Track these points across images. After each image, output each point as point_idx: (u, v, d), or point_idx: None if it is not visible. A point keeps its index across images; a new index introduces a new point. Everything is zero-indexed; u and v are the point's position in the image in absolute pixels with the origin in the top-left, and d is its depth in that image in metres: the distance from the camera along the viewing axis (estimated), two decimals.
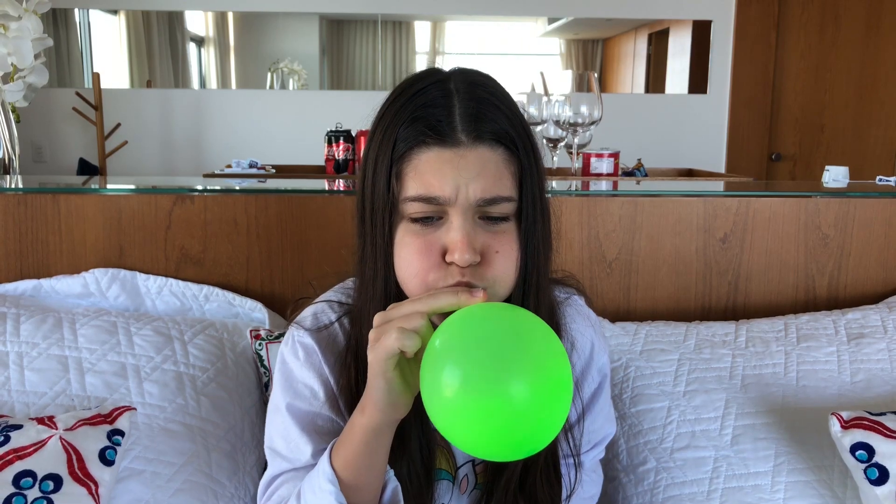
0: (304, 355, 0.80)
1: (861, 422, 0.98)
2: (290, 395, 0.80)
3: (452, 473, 0.84)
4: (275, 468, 0.81)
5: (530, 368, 0.57)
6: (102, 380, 1.08)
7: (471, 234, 0.68)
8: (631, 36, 3.94)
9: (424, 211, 0.69)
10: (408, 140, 0.69)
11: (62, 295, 1.25)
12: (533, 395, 0.56)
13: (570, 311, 0.88)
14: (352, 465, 0.69)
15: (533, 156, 0.72)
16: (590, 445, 0.96)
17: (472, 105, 0.69)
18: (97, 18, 3.69)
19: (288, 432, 0.79)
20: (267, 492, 0.82)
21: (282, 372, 0.82)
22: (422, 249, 0.69)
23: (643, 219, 1.33)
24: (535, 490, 0.81)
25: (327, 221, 1.29)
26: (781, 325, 1.26)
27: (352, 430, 0.69)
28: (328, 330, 0.82)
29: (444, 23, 3.85)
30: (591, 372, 0.90)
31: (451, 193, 0.67)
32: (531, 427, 0.57)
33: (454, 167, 0.68)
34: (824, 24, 3.78)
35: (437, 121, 0.68)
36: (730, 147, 3.91)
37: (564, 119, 1.91)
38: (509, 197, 0.70)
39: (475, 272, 0.68)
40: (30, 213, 1.28)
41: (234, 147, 3.67)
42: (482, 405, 0.56)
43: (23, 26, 1.64)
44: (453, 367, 0.58)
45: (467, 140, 0.68)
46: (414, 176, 0.69)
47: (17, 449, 0.91)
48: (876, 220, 1.37)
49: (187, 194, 1.29)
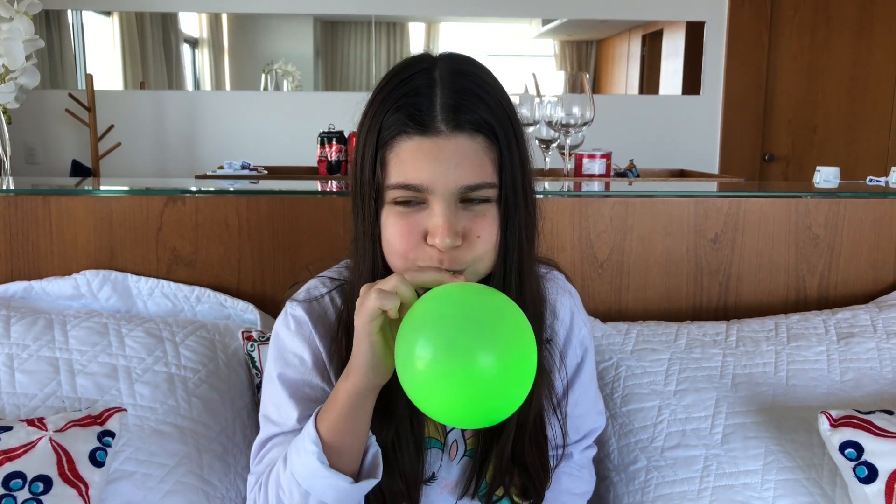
0: (296, 326, 0.84)
1: (850, 420, 0.99)
2: (281, 365, 0.84)
3: (442, 441, 0.86)
4: (266, 432, 0.84)
5: (497, 343, 0.61)
6: (93, 381, 1.08)
7: (451, 219, 0.71)
8: (625, 37, 3.95)
9: (406, 196, 0.72)
10: (391, 128, 0.72)
11: (53, 296, 1.25)
12: (499, 368, 0.60)
13: (551, 285, 0.92)
14: (335, 428, 0.72)
15: (515, 142, 0.75)
16: (579, 434, 0.98)
17: (453, 95, 0.72)
18: (90, 20, 3.68)
19: (278, 399, 0.83)
20: (258, 455, 0.84)
21: (275, 344, 0.86)
22: (404, 232, 0.73)
23: (634, 219, 1.34)
24: (524, 455, 0.84)
25: (319, 223, 1.29)
26: (772, 325, 1.27)
27: (336, 395, 0.73)
28: (319, 303, 0.85)
29: (438, 24, 3.85)
30: (573, 343, 0.93)
31: (431, 182, 0.71)
32: (497, 397, 0.61)
33: (434, 157, 0.71)
34: (816, 26, 3.80)
35: (419, 110, 0.71)
36: (723, 148, 3.92)
37: (556, 120, 1.92)
38: (490, 183, 0.73)
39: (455, 254, 0.72)
40: (20, 214, 1.27)
41: (228, 148, 3.67)
42: (451, 377, 0.60)
43: (14, 28, 1.63)
44: (425, 342, 0.61)
45: (447, 129, 0.71)
46: (396, 163, 0.72)
47: (6, 450, 0.91)
48: (866, 221, 1.38)
49: (178, 196, 1.29)
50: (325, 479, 0.72)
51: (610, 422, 1.17)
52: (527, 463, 0.85)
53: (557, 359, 0.91)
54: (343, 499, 0.73)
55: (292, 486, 0.74)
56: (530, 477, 0.86)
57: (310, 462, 0.72)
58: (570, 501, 0.98)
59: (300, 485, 0.73)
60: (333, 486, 0.72)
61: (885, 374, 1.17)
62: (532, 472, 0.86)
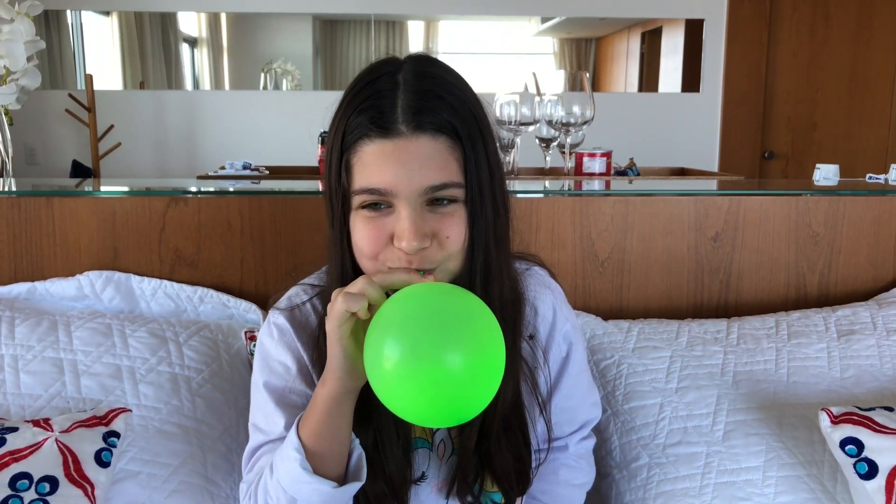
0: (279, 334, 0.85)
1: (851, 417, 1.00)
2: (267, 373, 0.84)
3: (430, 441, 0.87)
4: (254, 441, 0.85)
5: (462, 343, 0.61)
6: (98, 382, 1.09)
7: (417, 222, 0.71)
8: (624, 35, 3.95)
9: (371, 200, 0.73)
10: (354, 132, 0.73)
11: (56, 297, 1.26)
12: (464, 367, 0.61)
13: (531, 281, 0.91)
14: (316, 433, 0.73)
15: (482, 142, 0.75)
16: (573, 426, 0.99)
17: (415, 97, 0.72)
18: (89, 20, 3.68)
19: (265, 407, 0.83)
20: (249, 464, 0.85)
21: (259, 352, 0.87)
22: (371, 236, 0.73)
23: (635, 218, 1.34)
24: (492, 454, 0.83)
25: (321, 223, 1.28)
26: (772, 323, 1.27)
27: (315, 401, 0.73)
28: (301, 310, 0.86)
29: (437, 22, 3.85)
30: (557, 338, 0.93)
31: (395, 185, 0.71)
32: (463, 396, 0.62)
33: (396, 159, 0.71)
34: (815, 23, 3.80)
35: (380, 113, 0.72)
36: (723, 145, 3.92)
37: (557, 119, 1.92)
38: (456, 183, 0.73)
39: (425, 254, 0.72)
40: (23, 216, 1.28)
41: (228, 148, 3.67)
42: (416, 377, 0.61)
43: (15, 29, 1.63)
44: (391, 342, 0.62)
45: (408, 131, 0.71)
46: (360, 168, 0.73)
47: (12, 451, 0.92)
48: (866, 218, 1.39)
49: (181, 196, 1.30)
50: (309, 485, 0.73)
51: (612, 419, 1.18)
52: (493, 461, 0.84)
53: (541, 356, 0.91)
54: (329, 502, 0.74)
55: (279, 492, 0.75)
56: (505, 472, 0.85)
57: (293, 469, 0.73)
58: (568, 493, 0.99)
59: (286, 491, 0.74)
60: (317, 490, 0.73)
61: (885, 371, 1.18)
62: (500, 471, 0.85)
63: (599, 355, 1.23)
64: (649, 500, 1.07)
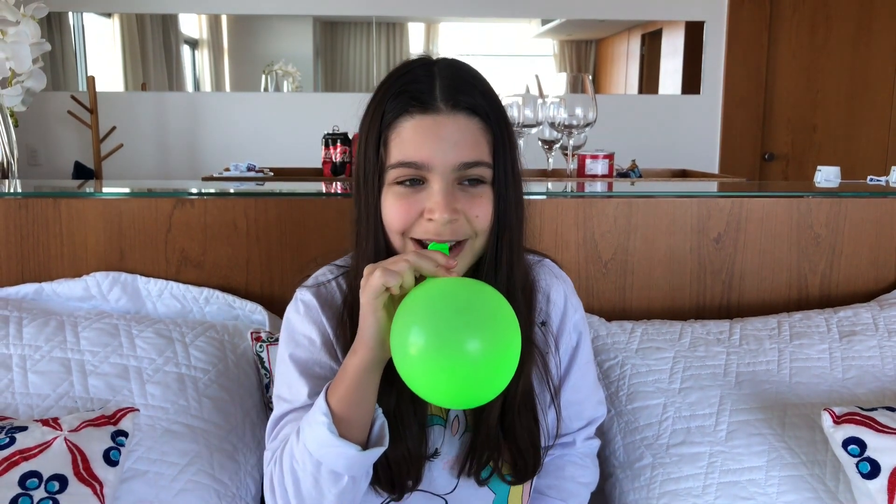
0: (305, 310, 0.88)
1: (853, 417, 1.00)
2: (292, 346, 0.88)
3: (444, 418, 0.89)
4: (279, 410, 0.87)
5: (481, 334, 0.66)
6: (105, 382, 1.09)
7: (449, 196, 0.77)
8: (624, 37, 3.96)
9: (407, 175, 0.78)
10: (394, 111, 0.78)
11: (63, 298, 1.26)
12: (483, 356, 0.66)
13: (543, 271, 0.96)
14: (344, 400, 0.75)
15: (506, 129, 0.81)
16: (580, 421, 1.02)
17: (451, 80, 0.79)
18: (91, 22, 3.69)
19: (290, 378, 0.86)
20: (273, 432, 0.87)
21: (285, 328, 0.90)
22: (403, 210, 0.78)
23: (638, 219, 1.35)
24: (515, 430, 0.87)
25: (326, 224, 1.31)
26: (775, 323, 1.28)
27: (345, 370, 0.76)
28: (327, 288, 0.90)
29: (437, 24, 3.86)
30: (568, 327, 0.97)
31: (431, 158, 0.76)
32: (482, 383, 0.67)
33: (434, 133, 0.77)
34: (816, 25, 3.81)
35: (420, 93, 0.78)
36: (723, 147, 3.93)
37: (559, 121, 1.93)
38: (486, 162, 0.79)
39: (454, 228, 0.77)
40: (31, 217, 1.29)
41: (230, 149, 3.67)
42: (439, 363, 0.66)
43: (21, 31, 1.65)
44: (418, 331, 0.67)
45: (446, 108, 0.77)
46: (398, 143, 0.78)
47: (22, 450, 0.93)
48: (867, 220, 1.40)
49: (187, 198, 1.31)
50: (335, 448, 0.75)
51: (615, 419, 1.18)
52: (516, 437, 0.88)
53: (552, 343, 0.94)
54: (352, 466, 0.76)
55: (305, 456, 0.77)
56: (520, 451, 0.88)
57: (320, 432, 0.75)
58: (574, 489, 1.01)
59: (312, 455, 0.76)
60: (343, 454, 0.75)
61: (886, 372, 1.18)
62: (521, 447, 0.88)
63: (603, 356, 1.24)
64: (653, 500, 1.08)
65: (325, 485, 0.76)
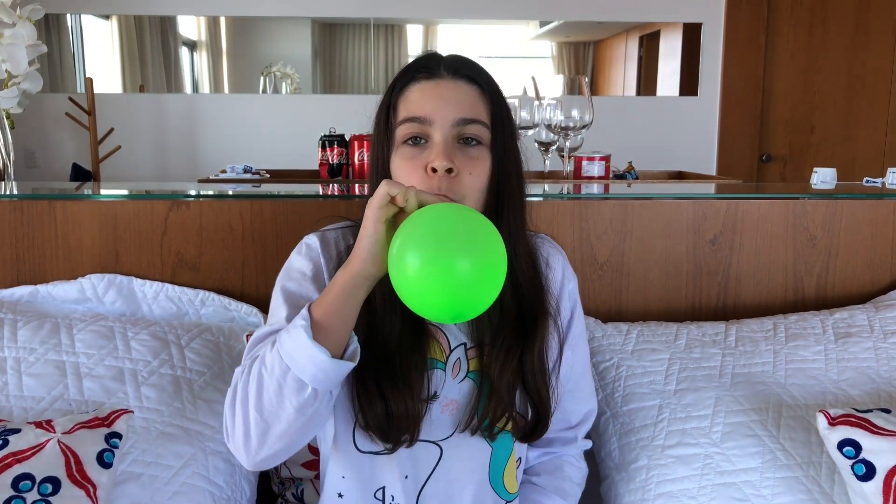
0: (305, 249, 0.94)
1: (848, 419, 1.00)
2: (285, 279, 0.92)
3: (444, 362, 0.91)
4: (258, 333, 0.88)
5: (470, 252, 0.72)
6: (100, 384, 1.09)
7: (448, 147, 0.84)
8: (622, 38, 3.97)
9: (412, 131, 0.85)
10: (402, 80, 0.89)
11: (59, 300, 1.26)
12: (472, 271, 0.71)
13: (544, 243, 1.03)
14: (326, 310, 0.78)
15: (504, 107, 0.89)
16: (576, 411, 1.05)
17: (455, 58, 0.89)
18: (89, 23, 3.69)
19: (275, 306, 0.90)
20: (249, 350, 0.88)
21: (285, 267, 0.94)
22: (409, 166, 0.85)
23: (634, 221, 1.35)
24: (535, 381, 0.92)
25: (322, 226, 1.30)
26: (770, 325, 1.28)
27: (333, 282, 0.80)
28: (333, 235, 0.95)
29: (435, 26, 3.87)
30: (564, 295, 1.02)
31: (433, 113, 0.85)
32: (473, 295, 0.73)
33: (436, 93, 0.86)
34: (813, 27, 3.82)
35: (426, 65, 0.88)
36: (721, 148, 3.94)
37: (556, 123, 1.93)
38: (484, 122, 0.86)
39: (451, 185, 0.83)
40: (26, 219, 1.28)
41: (228, 151, 3.67)
42: (433, 280, 0.71)
43: (17, 33, 1.64)
44: (413, 252, 0.71)
45: (448, 74, 0.87)
46: (405, 105, 0.87)
47: (15, 452, 0.92)
48: (863, 222, 1.40)
49: (183, 200, 1.30)
50: (307, 350, 0.76)
51: (611, 421, 1.18)
52: (531, 395, 0.92)
53: (554, 304, 0.99)
54: (319, 374, 0.76)
55: (275, 360, 0.78)
56: (536, 404, 0.92)
57: (297, 334, 0.76)
58: (569, 488, 1.04)
59: (282, 359, 0.77)
60: (313, 357, 0.76)
61: (882, 374, 1.18)
62: (533, 405, 0.92)
63: (599, 357, 1.24)
64: (648, 502, 1.08)
65: (288, 392, 0.77)
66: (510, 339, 0.90)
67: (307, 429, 0.80)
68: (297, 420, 0.78)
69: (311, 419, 0.79)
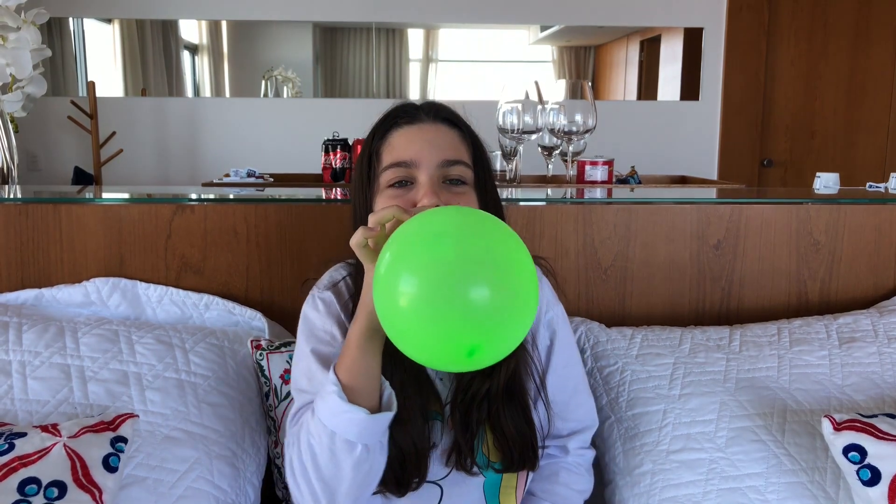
0: (324, 307, 0.95)
1: (853, 424, 1.00)
2: (314, 342, 0.93)
3: (441, 412, 0.92)
4: (300, 401, 0.91)
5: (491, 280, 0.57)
6: (105, 388, 1.09)
7: (434, 186, 0.86)
8: (623, 43, 3.97)
9: (398, 176, 0.87)
10: (383, 128, 0.91)
11: (63, 304, 1.26)
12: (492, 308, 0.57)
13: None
14: (349, 370, 0.81)
15: (483, 150, 0.93)
16: (569, 423, 1.05)
17: (432, 103, 0.93)
18: (91, 27, 3.70)
19: (311, 371, 0.91)
20: (293, 419, 0.90)
21: (304, 325, 0.95)
22: (396, 203, 0.84)
23: (638, 226, 1.35)
24: (501, 419, 0.91)
25: (326, 230, 1.31)
26: (774, 330, 1.28)
27: (349, 341, 0.82)
28: (342, 286, 0.97)
29: (437, 31, 3.87)
30: (541, 326, 1.02)
31: (418, 157, 0.87)
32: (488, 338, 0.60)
33: (419, 136, 0.88)
34: (814, 32, 3.82)
35: (406, 111, 0.91)
36: (722, 153, 3.94)
37: (559, 127, 1.93)
38: (466, 162, 0.89)
39: None
40: (31, 222, 1.29)
41: (229, 155, 3.68)
42: (436, 315, 0.58)
43: (21, 37, 1.65)
44: (407, 277, 0.60)
45: (428, 118, 0.90)
46: (388, 151, 0.89)
47: (21, 456, 0.92)
48: (866, 226, 1.40)
49: (187, 204, 1.31)
50: (346, 414, 0.79)
51: (615, 425, 1.18)
52: (501, 425, 0.91)
53: (530, 337, 0.98)
54: (363, 432, 0.79)
55: (320, 429, 0.81)
56: (507, 440, 0.91)
57: (331, 401, 0.79)
58: (567, 494, 1.03)
59: (326, 426, 0.80)
60: (353, 419, 0.79)
61: (886, 378, 1.18)
62: (507, 435, 0.91)
63: (603, 362, 1.24)
64: None
65: (341, 455, 0.79)
66: (475, 375, 0.90)
67: (370, 479, 0.84)
68: (356, 476, 0.81)
69: (371, 470, 0.83)
